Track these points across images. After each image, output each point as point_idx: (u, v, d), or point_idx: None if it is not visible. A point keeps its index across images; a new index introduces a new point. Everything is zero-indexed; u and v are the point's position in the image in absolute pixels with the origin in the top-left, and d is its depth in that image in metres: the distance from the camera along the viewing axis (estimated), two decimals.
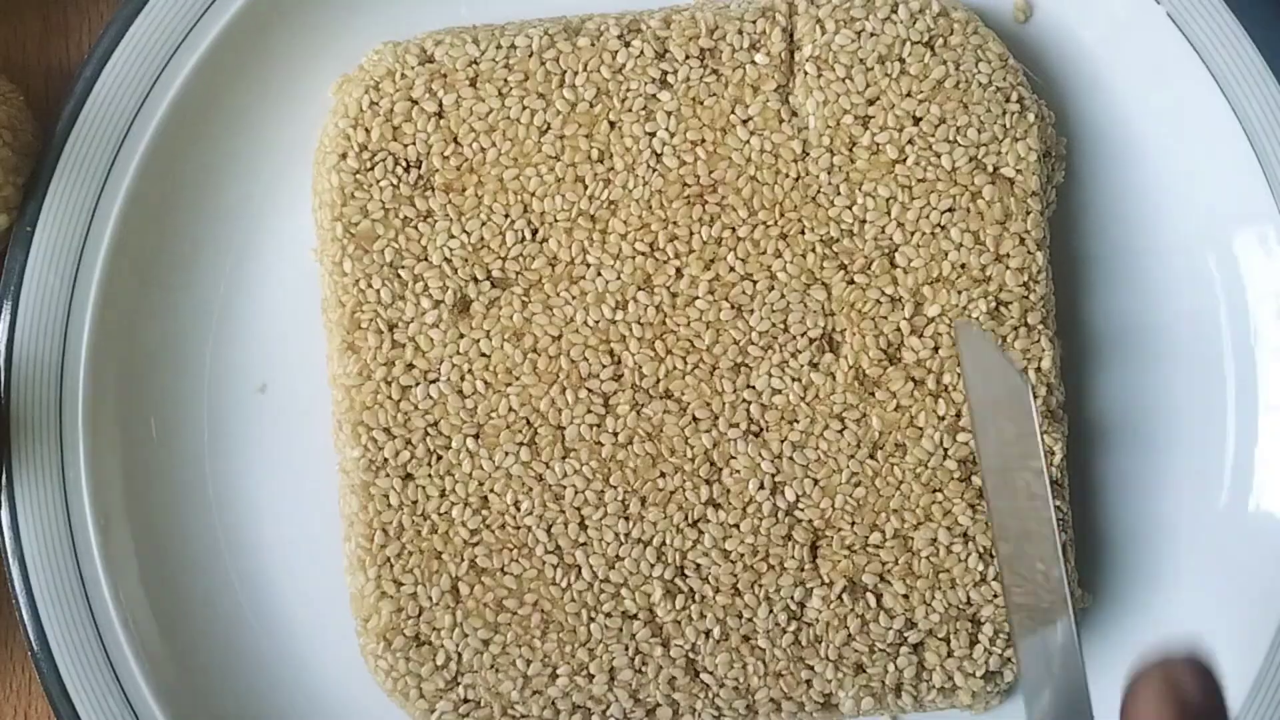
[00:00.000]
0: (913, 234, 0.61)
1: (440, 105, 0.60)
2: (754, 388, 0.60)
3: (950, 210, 0.61)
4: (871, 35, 0.61)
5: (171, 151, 0.62)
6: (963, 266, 0.61)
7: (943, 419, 0.61)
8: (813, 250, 0.60)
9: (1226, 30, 0.61)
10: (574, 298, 0.60)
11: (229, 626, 0.63)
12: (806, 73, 0.61)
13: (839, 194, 0.60)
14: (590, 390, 0.60)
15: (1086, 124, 0.64)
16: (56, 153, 0.61)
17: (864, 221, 0.61)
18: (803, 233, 0.60)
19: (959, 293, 0.61)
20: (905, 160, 0.61)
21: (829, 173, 0.60)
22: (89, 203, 0.61)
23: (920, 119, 0.61)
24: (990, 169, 0.61)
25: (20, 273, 0.61)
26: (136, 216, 0.62)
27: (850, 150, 0.61)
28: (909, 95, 0.61)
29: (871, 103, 0.61)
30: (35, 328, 0.61)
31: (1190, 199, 0.63)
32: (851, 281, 0.60)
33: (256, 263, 0.64)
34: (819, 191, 0.60)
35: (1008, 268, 0.61)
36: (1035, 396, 0.60)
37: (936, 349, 0.61)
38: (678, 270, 0.60)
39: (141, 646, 0.61)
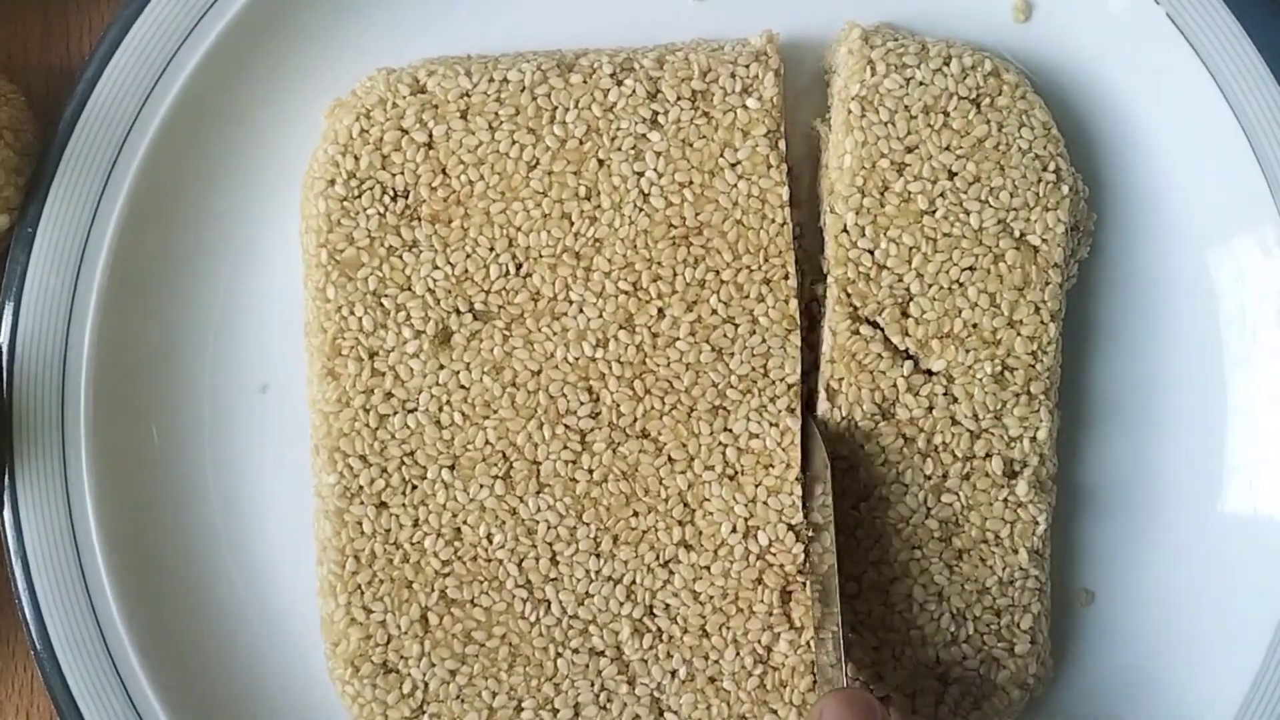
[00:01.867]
0: (930, 286, 0.61)
1: (430, 136, 0.60)
2: (731, 431, 0.60)
3: (971, 269, 0.61)
4: (920, 84, 0.61)
5: (173, 153, 0.62)
6: (974, 326, 0.61)
7: (929, 478, 0.61)
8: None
9: (1226, 30, 0.61)
10: (555, 334, 0.60)
11: (230, 624, 0.64)
12: (850, 111, 0.61)
13: (863, 236, 0.60)
14: (567, 427, 0.60)
15: (1085, 124, 0.64)
16: (58, 154, 0.61)
17: (883, 267, 0.60)
18: (786, 278, 0.60)
19: (967, 351, 0.61)
20: (934, 212, 0.61)
21: (856, 214, 0.60)
22: (90, 204, 0.61)
23: (955, 174, 0.61)
24: (1017, 234, 0.61)
25: (22, 274, 0.61)
26: (138, 217, 0.62)
27: (881, 194, 0.61)
28: (948, 149, 0.61)
29: (910, 150, 0.61)
30: (37, 329, 0.61)
31: (1190, 199, 0.64)
32: (856, 332, 0.60)
33: (257, 263, 0.64)
34: (842, 230, 0.61)
35: (1019, 334, 0.61)
36: (1026, 466, 0.61)
37: (931, 408, 0.60)
38: (660, 311, 0.60)
39: (143, 645, 0.62)
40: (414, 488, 0.60)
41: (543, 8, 0.64)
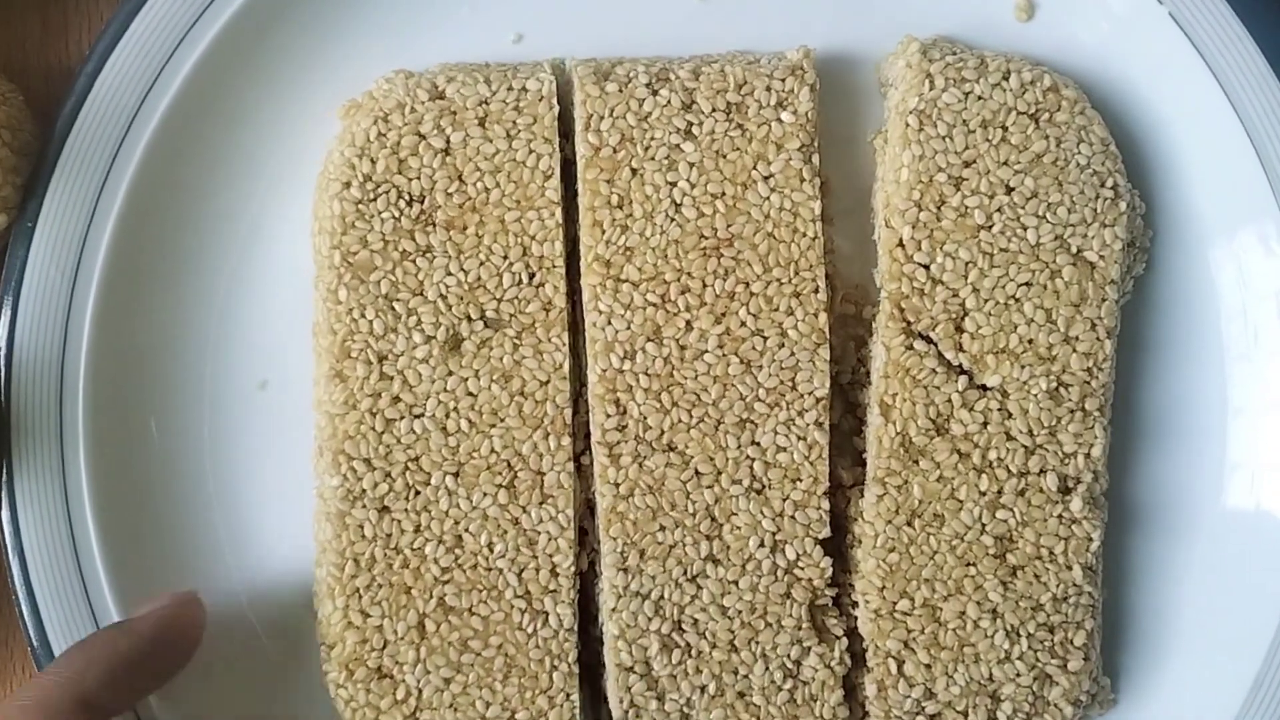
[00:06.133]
0: (985, 301, 0.59)
1: (448, 142, 0.60)
2: (758, 444, 0.59)
3: (1027, 284, 0.60)
4: (979, 99, 0.60)
5: (172, 150, 0.62)
6: (1030, 342, 0.59)
7: (984, 494, 0.59)
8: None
9: (1228, 30, 0.61)
10: (566, 344, 0.60)
11: (228, 621, 0.63)
12: (907, 125, 0.60)
13: (919, 250, 0.59)
14: (592, 440, 0.60)
15: None
16: (57, 151, 0.62)
17: (938, 282, 0.59)
18: (816, 291, 0.59)
19: (1022, 367, 0.59)
20: (991, 228, 0.60)
21: (912, 228, 0.59)
22: (89, 200, 0.62)
23: (1013, 189, 0.60)
24: (1074, 250, 0.60)
25: (21, 270, 0.61)
26: (137, 214, 0.62)
27: (938, 209, 0.60)
28: (1005, 164, 0.60)
29: (968, 165, 0.60)
30: (36, 325, 0.61)
31: (1191, 197, 0.63)
32: (910, 348, 0.59)
33: (257, 259, 0.64)
34: (897, 245, 0.60)
35: (1074, 350, 0.59)
36: (1080, 482, 0.60)
37: (985, 424, 0.59)
38: (688, 323, 0.59)
39: None
40: (417, 493, 0.60)
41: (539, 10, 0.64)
